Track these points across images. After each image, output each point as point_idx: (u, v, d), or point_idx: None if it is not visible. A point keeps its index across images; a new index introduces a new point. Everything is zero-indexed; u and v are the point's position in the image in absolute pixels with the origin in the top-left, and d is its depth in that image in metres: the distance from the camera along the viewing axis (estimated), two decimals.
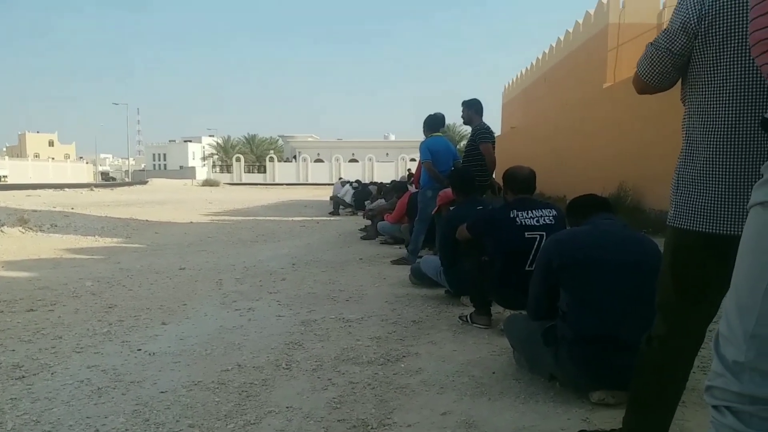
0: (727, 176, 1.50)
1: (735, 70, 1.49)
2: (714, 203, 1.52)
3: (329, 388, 2.68)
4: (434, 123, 6.39)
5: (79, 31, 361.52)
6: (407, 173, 19.64)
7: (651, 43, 1.71)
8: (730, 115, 1.50)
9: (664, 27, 1.67)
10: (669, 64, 1.65)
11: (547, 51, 20.27)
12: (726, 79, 1.51)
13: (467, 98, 6.15)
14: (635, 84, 1.82)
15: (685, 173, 1.60)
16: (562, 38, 18.46)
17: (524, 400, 2.50)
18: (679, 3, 1.62)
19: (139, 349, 3.28)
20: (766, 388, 0.90)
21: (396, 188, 9.62)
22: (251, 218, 13.65)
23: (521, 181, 3.58)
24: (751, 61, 1.39)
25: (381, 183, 16.71)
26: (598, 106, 12.95)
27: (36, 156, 79.95)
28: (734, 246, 1.04)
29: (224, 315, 4.10)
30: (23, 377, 2.84)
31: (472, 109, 6.02)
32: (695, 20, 1.54)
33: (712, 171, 1.52)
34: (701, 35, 1.55)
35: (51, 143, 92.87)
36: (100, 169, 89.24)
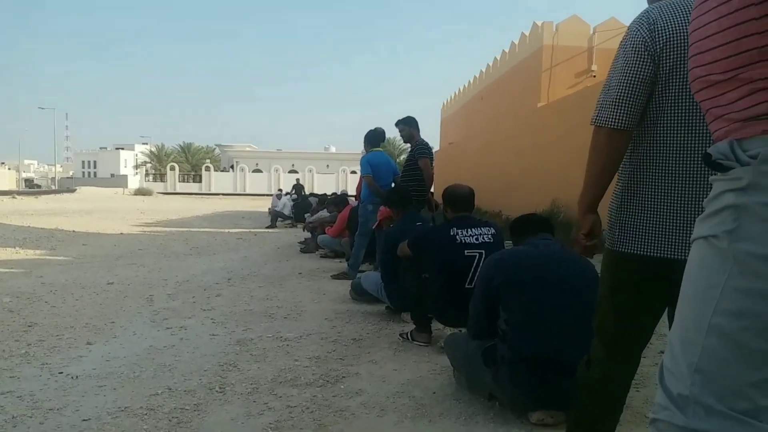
0: (674, 203, 1.54)
1: (682, 101, 1.53)
2: (659, 228, 1.55)
3: (265, 412, 2.58)
4: (375, 138, 6.44)
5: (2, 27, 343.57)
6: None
7: (604, 88, 1.62)
8: (678, 145, 1.54)
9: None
10: (637, 90, 1.56)
11: (483, 69, 20.80)
12: (673, 110, 1.54)
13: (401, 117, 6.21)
14: (601, 144, 1.61)
15: (630, 199, 1.62)
16: (498, 58, 18.98)
17: (464, 422, 2.49)
18: (629, 37, 1.57)
19: (61, 372, 3.08)
20: (709, 423, 0.91)
21: (336, 201, 9.59)
22: (185, 229, 13.23)
23: (461, 200, 3.62)
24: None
25: (322, 195, 16.60)
26: (532, 124, 13.36)
27: None
28: (677, 270, 1.05)
29: (155, 334, 3.91)
30: None
31: (412, 126, 6.09)
32: (648, 52, 1.54)
33: (660, 198, 1.56)
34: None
35: None
36: (24, 175, 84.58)
